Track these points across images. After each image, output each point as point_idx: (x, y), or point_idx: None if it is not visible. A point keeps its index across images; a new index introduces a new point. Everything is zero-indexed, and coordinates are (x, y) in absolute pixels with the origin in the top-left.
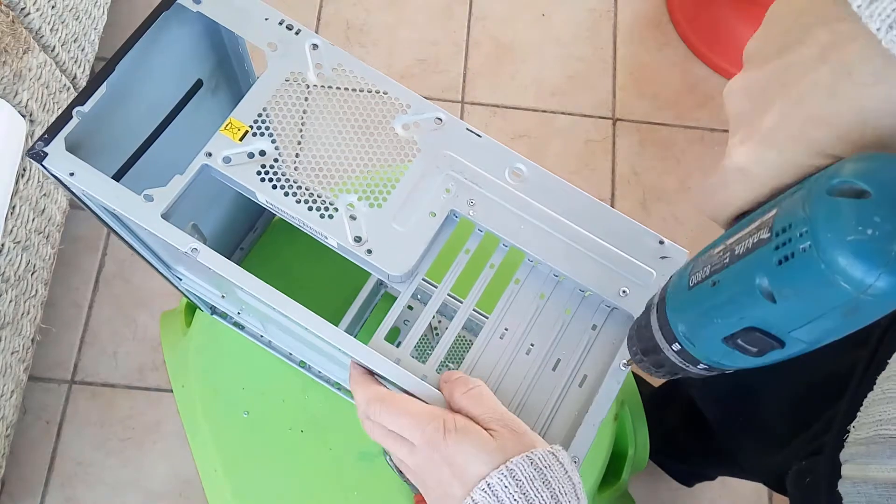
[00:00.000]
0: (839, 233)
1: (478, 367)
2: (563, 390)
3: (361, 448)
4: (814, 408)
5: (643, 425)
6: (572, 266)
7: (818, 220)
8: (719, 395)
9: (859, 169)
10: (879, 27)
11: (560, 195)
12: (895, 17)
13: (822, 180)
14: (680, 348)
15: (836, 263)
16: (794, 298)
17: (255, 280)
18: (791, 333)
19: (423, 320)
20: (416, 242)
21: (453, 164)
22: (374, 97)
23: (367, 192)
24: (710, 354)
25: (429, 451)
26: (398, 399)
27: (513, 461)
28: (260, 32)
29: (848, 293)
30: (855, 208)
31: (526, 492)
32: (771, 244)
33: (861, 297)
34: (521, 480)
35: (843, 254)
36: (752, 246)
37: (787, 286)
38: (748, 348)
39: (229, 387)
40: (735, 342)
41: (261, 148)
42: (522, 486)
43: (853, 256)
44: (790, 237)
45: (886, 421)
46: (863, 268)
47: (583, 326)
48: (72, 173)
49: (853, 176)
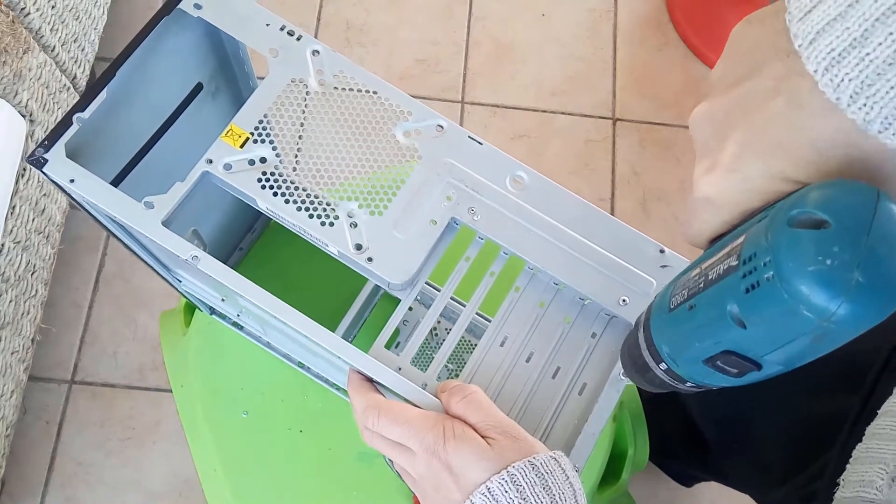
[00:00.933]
0: (800, 263)
1: (478, 374)
2: (563, 398)
3: (361, 448)
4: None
5: (643, 426)
6: (572, 274)
7: (780, 251)
8: (715, 418)
9: (818, 198)
10: (816, 69)
11: (561, 203)
12: (830, 61)
13: (783, 210)
14: (667, 367)
15: (798, 293)
16: (763, 325)
17: (256, 288)
18: (765, 357)
19: (424, 327)
20: (417, 250)
21: (454, 172)
22: (375, 104)
23: (368, 199)
24: (693, 375)
25: (429, 458)
26: (395, 407)
27: (514, 466)
28: (261, 38)
29: (812, 321)
30: (814, 239)
31: (526, 497)
32: (739, 272)
33: (825, 324)
34: (522, 486)
35: (805, 283)
36: (723, 272)
37: (754, 314)
38: (728, 370)
39: (228, 387)
40: (715, 364)
41: (262, 155)
42: (523, 491)
43: (814, 286)
44: (755, 266)
45: (867, 483)
46: (824, 297)
47: (582, 335)
48: (72, 180)
49: (812, 206)
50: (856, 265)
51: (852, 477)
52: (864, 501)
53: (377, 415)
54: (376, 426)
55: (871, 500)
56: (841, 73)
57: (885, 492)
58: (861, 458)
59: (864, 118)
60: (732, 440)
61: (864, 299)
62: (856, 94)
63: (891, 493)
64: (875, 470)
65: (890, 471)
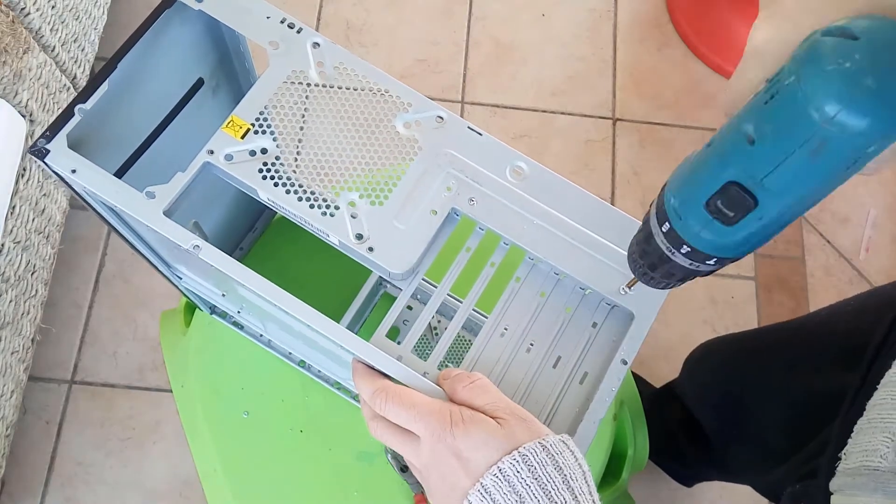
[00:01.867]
0: (820, 64)
1: (479, 364)
2: (564, 387)
3: (361, 448)
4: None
5: (642, 426)
6: (573, 264)
7: (805, 54)
8: (713, 403)
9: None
10: None
11: (561, 193)
12: None
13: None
14: (669, 227)
15: (810, 91)
16: (770, 137)
17: (258, 277)
18: (764, 181)
19: (424, 319)
20: (418, 240)
21: (454, 163)
22: (375, 95)
23: (369, 189)
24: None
25: (434, 443)
26: (403, 391)
27: (526, 446)
28: (261, 31)
29: (815, 123)
30: (840, 45)
31: (538, 476)
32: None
33: (827, 129)
34: (534, 466)
35: (819, 82)
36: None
37: (766, 123)
38: (726, 212)
39: (229, 387)
40: (714, 205)
41: (262, 146)
42: (535, 471)
43: (827, 84)
44: (780, 77)
45: (871, 452)
46: (835, 93)
47: (583, 324)
48: (74, 170)
49: (850, 24)
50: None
51: (855, 448)
52: (868, 470)
53: (385, 398)
54: (384, 409)
55: (876, 468)
56: None
57: (892, 458)
58: (864, 429)
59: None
60: (732, 426)
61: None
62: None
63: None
64: (880, 439)
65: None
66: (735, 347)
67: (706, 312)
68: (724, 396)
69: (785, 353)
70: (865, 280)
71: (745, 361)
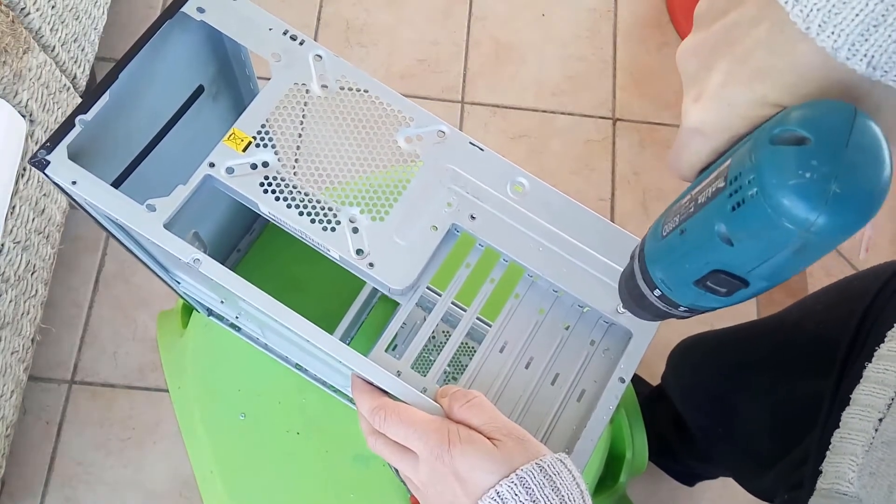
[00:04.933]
0: (782, 178)
1: (477, 380)
2: (562, 404)
3: (358, 450)
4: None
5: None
6: (572, 281)
7: (763, 167)
8: (697, 402)
9: (798, 117)
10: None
11: (561, 210)
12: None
13: (766, 130)
14: (661, 293)
15: (780, 206)
16: (749, 241)
17: (258, 291)
18: (752, 273)
19: (425, 333)
20: (418, 256)
21: (455, 178)
22: (377, 109)
23: (370, 204)
24: (686, 298)
25: (433, 462)
26: (403, 409)
27: (523, 469)
28: (264, 43)
29: (793, 233)
30: (795, 155)
31: (536, 499)
32: (725, 192)
33: (806, 235)
34: (532, 488)
35: (786, 196)
36: (712, 195)
37: (740, 230)
38: (717, 289)
39: (225, 388)
40: (705, 284)
41: (264, 159)
42: (532, 493)
43: (795, 198)
44: (741, 185)
45: (840, 475)
46: (804, 208)
47: (581, 341)
48: (74, 182)
49: (793, 124)
50: (834, 177)
51: (829, 467)
52: (838, 493)
53: (384, 415)
54: (382, 426)
55: (845, 493)
56: (809, 3)
57: (857, 484)
58: (836, 447)
59: (832, 46)
60: (717, 425)
61: (842, 209)
62: (823, 24)
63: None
64: (847, 461)
65: (859, 461)
66: (714, 345)
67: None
68: (705, 393)
69: (763, 354)
70: None
71: (724, 360)
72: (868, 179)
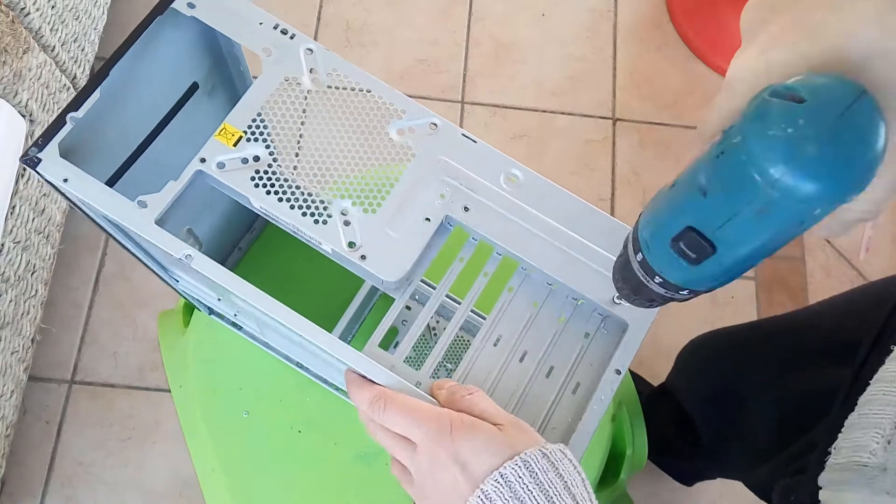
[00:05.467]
0: (763, 126)
1: (471, 374)
2: (557, 398)
3: (360, 448)
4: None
5: (641, 426)
6: (566, 274)
7: (751, 114)
8: (703, 396)
9: (808, 81)
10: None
11: (555, 200)
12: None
13: (770, 87)
14: (642, 258)
15: (753, 153)
16: (720, 192)
17: (248, 286)
18: (717, 232)
19: (419, 326)
20: (411, 248)
21: (448, 170)
22: (368, 102)
23: (362, 197)
24: (661, 261)
25: (432, 448)
26: (402, 397)
27: (527, 453)
28: (255, 37)
29: (758, 185)
30: (784, 108)
31: (540, 482)
32: (717, 144)
33: (770, 192)
34: (536, 472)
35: (762, 145)
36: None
37: (716, 178)
38: (688, 253)
39: (227, 387)
40: (678, 246)
41: (255, 153)
42: (537, 477)
43: (769, 149)
44: (729, 133)
45: (861, 448)
46: (774, 159)
47: (576, 334)
48: (65, 179)
49: (798, 84)
50: (814, 140)
51: (845, 444)
52: (857, 465)
53: (383, 405)
54: (382, 417)
55: (865, 464)
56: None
57: (880, 454)
58: (854, 425)
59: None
60: (722, 420)
61: (812, 174)
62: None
63: (886, 455)
64: (870, 434)
65: (886, 434)
66: (725, 342)
67: (706, 312)
68: (714, 390)
69: (774, 350)
70: (865, 280)
71: (735, 356)
72: (848, 156)
